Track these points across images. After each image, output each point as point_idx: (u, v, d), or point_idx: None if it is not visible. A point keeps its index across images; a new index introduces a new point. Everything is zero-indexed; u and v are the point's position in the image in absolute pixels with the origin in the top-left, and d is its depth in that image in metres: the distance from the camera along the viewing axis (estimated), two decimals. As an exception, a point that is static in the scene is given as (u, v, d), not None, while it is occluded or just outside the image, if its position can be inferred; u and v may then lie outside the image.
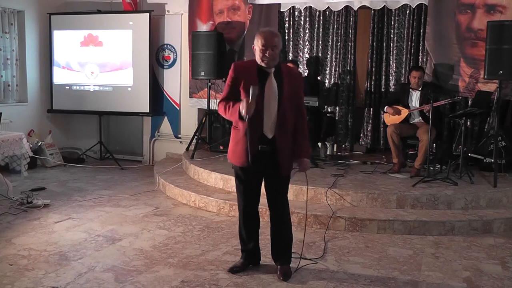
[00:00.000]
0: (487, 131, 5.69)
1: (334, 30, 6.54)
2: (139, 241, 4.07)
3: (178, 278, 3.33)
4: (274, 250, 3.51)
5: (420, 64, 6.17)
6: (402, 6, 6.17)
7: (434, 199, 4.69)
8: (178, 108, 7.36)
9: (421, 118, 5.56)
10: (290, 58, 6.68)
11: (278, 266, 3.44)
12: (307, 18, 6.65)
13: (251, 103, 3.07)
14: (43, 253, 3.73)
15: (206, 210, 5.03)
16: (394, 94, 6.02)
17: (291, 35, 6.74)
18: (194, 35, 6.68)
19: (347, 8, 6.39)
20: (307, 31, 6.65)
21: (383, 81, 6.46)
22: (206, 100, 6.70)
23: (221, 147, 6.59)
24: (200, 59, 6.52)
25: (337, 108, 6.62)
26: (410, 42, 6.25)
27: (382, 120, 6.35)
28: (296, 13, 6.71)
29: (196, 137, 6.67)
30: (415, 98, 5.57)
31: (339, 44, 6.54)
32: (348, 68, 6.53)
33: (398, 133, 5.45)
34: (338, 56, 6.56)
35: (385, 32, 6.42)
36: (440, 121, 5.77)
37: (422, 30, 6.15)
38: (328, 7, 6.43)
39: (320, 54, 6.64)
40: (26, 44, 7.16)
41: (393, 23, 6.33)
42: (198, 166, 5.82)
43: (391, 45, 6.37)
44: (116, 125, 8.02)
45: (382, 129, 6.45)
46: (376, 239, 4.21)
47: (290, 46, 6.75)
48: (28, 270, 3.40)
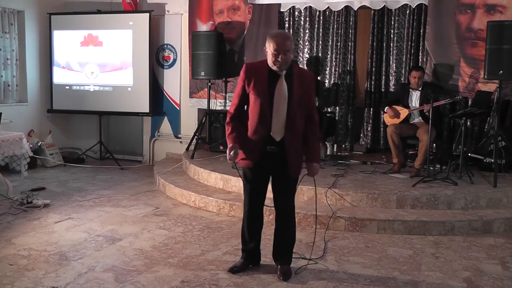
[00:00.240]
0: (487, 131, 5.69)
1: (334, 30, 6.54)
2: (139, 241, 4.07)
3: (178, 278, 3.33)
4: (275, 250, 3.51)
5: (420, 64, 6.16)
6: (402, 6, 6.17)
7: (434, 199, 4.69)
8: (178, 108, 7.36)
9: (421, 118, 5.56)
10: (290, 58, 6.68)
11: (278, 266, 3.44)
12: (307, 18, 6.64)
13: (231, 158, 3.21)
14: (43, 253, 3.73)
15: (206, 210, 5.03)
16: (394, 94, 6.02)
17: (291, 35, 6.73)
18: (194, 35, 6.68)
19: (347, 8, 6.39)
20: (307, 31, 6.65)
21: (383, 81, 6.46)
22: (206, 100, 6.70)
23: (221, 147, 6.59)
24: (200, 59, 6.52)
25: (337, 108, 6.62)
26: (410, 42, 6.24)
27: (382, 120, 6.34)
28: (296, 13, 6.71)
29: (196, 137, 6.67)
30: (415, 98, 5.57)
31: (339, 44, 6.53)
32: (348, 68, 6.53)
33: (398, 133, 5.45)
34: (338, 56, 6.55)
35: (385, 32, 6.41)
36: (440, 121, 5.77)
37: (422, 30, 6.15)
38: (328, 7, 6.43)
39: (320, 54, 6.64)
40: (26, 44, 7.16)
41: (393, 23, 6.33)
42: (198, 166, 5.82)
43: (391, 45, 6.37)
44: (116, 125, 8.02)
45: (382, 129, 6.45)
46: (376, 239, 4.21)
47: (290, 46, 6.75)
48: (28, 270, 3.40)
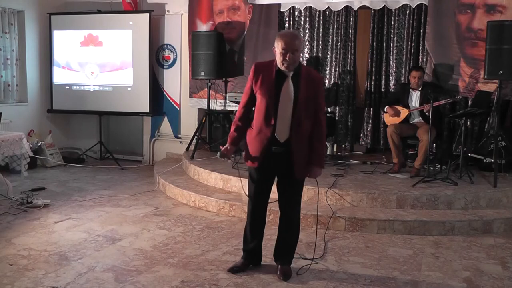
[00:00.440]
0: (487, 131, 5.69)
1: (334, 30, 6.54)
2: (139, 241, 4.07)
3: (178, 278, 3.33)
4: (277, 250, 3.51)
5: (420, 64, 6.16)
6: (402, 6, 6.16)
7: (434, 199, 4.69)
8: (178, 108, 7.36)
9: (421, 118, 5.56)
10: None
11: (279, 266, 3.44)
12: (307, 18, 6.64)
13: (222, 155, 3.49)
14: (43, 253, 3.73)
15: (206, 210, 5.02)
16: (394, 94, 6.02)
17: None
18: (194, 35, 6.67)
19: (347, 8, 6.38)
20: (307, 31, 6.65)
21: (383, 81, 6.45)
22: (206, 100, 6.70)
23: (221, 147, 6.57)
24: (200, 59, 6.52)
25: (337, 108, 6.62)
26: (410, 42, 6.24)
27: (382, 120, 6.34)
28: (296, 13, 6.70)
29: (196, 137, 6.67)
30: (415, 98, 5.57)
31: (339, 44, 6.53)
32: (348, 68, 6.53)
33: (398, 133, 5.45)
34: (338, 56, 6.55)
35: (385, 32, 6.41)
36: (440, 121, 5.77)
37: (422, 30, 6.15)
38: (328, 7, 6.42)
39: (320, 54, 6.64)
40: (26, 44, 7.16)
41: (393, 23, 6.33)
42: (198, 166, 5.82)
43: (391, 45, 6.37)
44: (116, 125, 8.02)
45: (382, 129, 6.45)
46: (376, 239, 4.21)
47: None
48: (28, 270, 3.40)
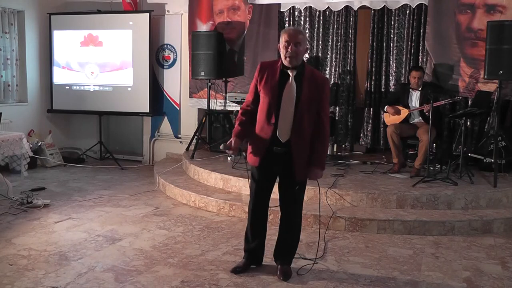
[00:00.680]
0: (487, 131, 5.69)
1: (334, 30, 6.54)
2: (139, 241, 4.07)
3: (178, 278, 3.33)
4: (277, 250, 3.50)
5: (420, 64, 6.16)
6: (402, 6, 6.16)
7: (434, 199, 4.69)
8: (178, 108, 7.36)
9: (421, 118, 5.56)
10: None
11: (279, 266, 3.44)
12: (307, 18, 6.64)
13: (224, 147, 3.45)
14: (43, 253, 3.73)
15: (206, 210, 5.03)
16: (394, 94, 6.02)
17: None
18: (194, 35, 6.68)
19: (347, 8, 6.38)
20: (307, 31, 6.64)
21: (383, 81, 6.45)
22: (206, 100, 6.70)
23: (221, 147, 6.57)
24: (200, 59, 6.52)
25: (337, 108, 6.61)
26: (410, 42, 6.24)
27: (382, 120, 6.34)
28: (296, 13, 6.70)
29: (196, 137, 6.67)
30: (415, 98, 5.58)
31: (339, 44, 6.53)
32: (348, 68, 6.52)
33: (398, 133, 5.45)
34: (338, 56, 6.55)
35: (385, 32, 6.41)
36: (440, 121, 5.77)
37: (422, 30, 6.15)
38: (328, 7, 6.42)
39: (320, 54, 6.64)
40: (26, 44, 7.15)
41: (393, 23, 6.32)
42: (198, 166, 5.82)
43: (391, 45, 6.37)
44: (116, 125, 8.02)
45: (382, 129, 6.45)
46: (376, 239, 4.21)
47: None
48: (28, 270, 3.40)
